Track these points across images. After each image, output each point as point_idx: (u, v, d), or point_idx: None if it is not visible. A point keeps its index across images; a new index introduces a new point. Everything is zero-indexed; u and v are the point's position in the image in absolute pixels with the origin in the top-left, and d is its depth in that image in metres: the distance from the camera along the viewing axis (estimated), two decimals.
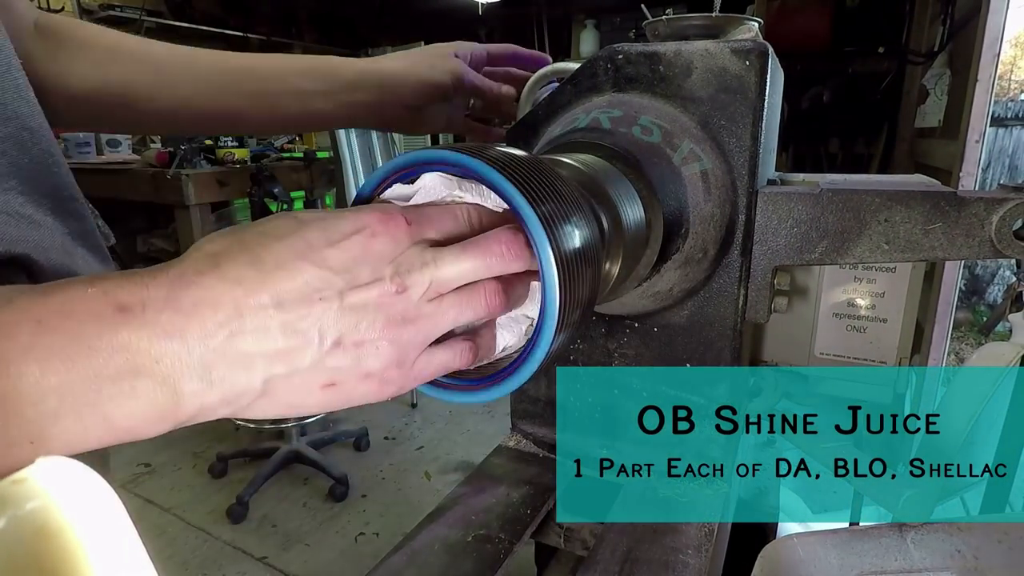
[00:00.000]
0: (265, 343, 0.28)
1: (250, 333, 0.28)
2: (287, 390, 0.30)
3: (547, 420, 0.81)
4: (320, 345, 0.29)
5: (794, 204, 0.62)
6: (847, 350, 0.94)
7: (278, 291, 0.28)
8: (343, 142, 4.23)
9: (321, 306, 0.29)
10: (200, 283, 0.27)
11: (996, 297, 5.09)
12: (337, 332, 0.30)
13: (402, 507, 2.59)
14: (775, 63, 0.66)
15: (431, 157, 0.35)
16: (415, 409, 3.46)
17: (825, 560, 0.68)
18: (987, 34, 1.83)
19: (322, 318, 0.29)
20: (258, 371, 0.28)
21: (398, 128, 0.83)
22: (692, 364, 0.70)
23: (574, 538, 0.73)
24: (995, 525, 0.69)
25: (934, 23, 2.72)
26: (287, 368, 0.29)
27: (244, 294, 0.28)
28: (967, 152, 1.90)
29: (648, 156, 0.59)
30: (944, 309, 2.01)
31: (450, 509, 0.69)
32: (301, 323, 0.29)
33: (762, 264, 0.65)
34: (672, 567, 0.59)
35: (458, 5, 4.96)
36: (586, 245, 0.37)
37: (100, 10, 3.89)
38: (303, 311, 0.29)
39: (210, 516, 2.51)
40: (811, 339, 0.95)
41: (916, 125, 2.84)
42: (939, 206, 0.57)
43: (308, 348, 0.29)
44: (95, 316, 0.25)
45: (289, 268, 0.29)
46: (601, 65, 0.68)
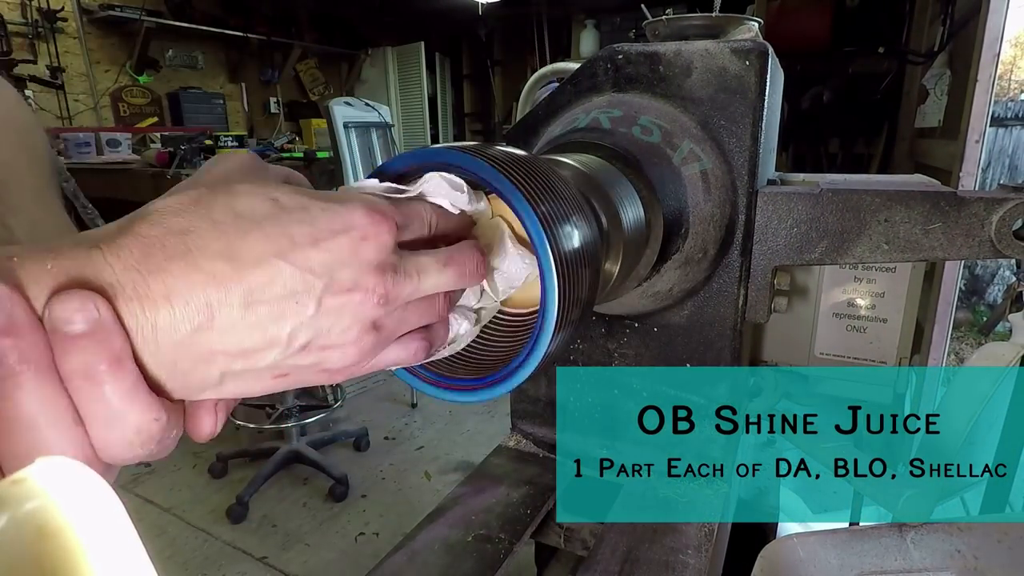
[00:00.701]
0: (232, 342, 0.27)
1: (218, 331, 0.26)
2: (239, 382, 0.29)
3: (547, 420, 0.81)
4: (287, 347, 0.28)
5: (794, 204, 0.62)
6: (847, 350, 0.94)
7: (253, 290, 0.27)
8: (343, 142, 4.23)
9: (296, 310, 0.28)
10: (170, 271, 0.25)
11: (996, 297, 5.09)
12: (307, 337, 0.29)
13: (402, 507, 2.59)
14: (775, 63, 0.66)
15: (431, 158, 0.35)
16: (415, 409, 3.46)
17: (825, 560, 0.68)
18: (987, 34, 1.83)
19: (295, 322, 0.28)
20: (218, 366, 0.27)
21: None
22: (692, 364, 0.70)
23: (574, 538, 0.73)
24: (995, 525, 0.69)
25: (934, 23, 2.72)
26: (247, 365, 0.28)
27: (217, 291, 0.26)
28: (967, 152, 1.90)
29: (648, 156, 0.59)
30: (944, 309, 2.01)
31: (450, 509, 0.69)
32: (272, 326, 0.27)
33: (762, 264, 0.65)
34: (672, 567, 0.59)
35: (458, 5, 4.96)
36: (586, 245, 0.37)
37: (100, 10, 3.89)
38: (276, 313, 0.27)
39: (210, 516, 2.51)
40: (811, 339, 0.95)
41: (916, 125, 2.84)
42: (939, 206, 0.57)
43: (274, 349, 0.28)
44: None
45: (267, 267, 0.27)
46: (601, 65, 0.68)
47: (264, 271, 0.27)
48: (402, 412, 3.43)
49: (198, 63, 4.71)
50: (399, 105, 5.67)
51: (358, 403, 3.50)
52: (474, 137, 6.47)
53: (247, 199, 0.28)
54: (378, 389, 3.69)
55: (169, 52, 4.51)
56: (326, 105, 4.48)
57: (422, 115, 5.62)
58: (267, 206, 0.28)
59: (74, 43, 3.94)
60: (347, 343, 0.30)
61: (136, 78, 4.27)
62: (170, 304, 0.25)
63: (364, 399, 3.57)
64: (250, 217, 0.28)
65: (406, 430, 3.24)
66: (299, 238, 0.28)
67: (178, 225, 0.26)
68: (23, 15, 3.65)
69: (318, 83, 5.61)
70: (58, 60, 3.79)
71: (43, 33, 3.72)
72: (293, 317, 0.28)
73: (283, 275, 0.27)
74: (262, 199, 0.28)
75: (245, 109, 5.09)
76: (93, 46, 4.05)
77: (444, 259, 0.33)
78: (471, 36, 6.07)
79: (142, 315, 0.25)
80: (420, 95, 5.56)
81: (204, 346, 0.27)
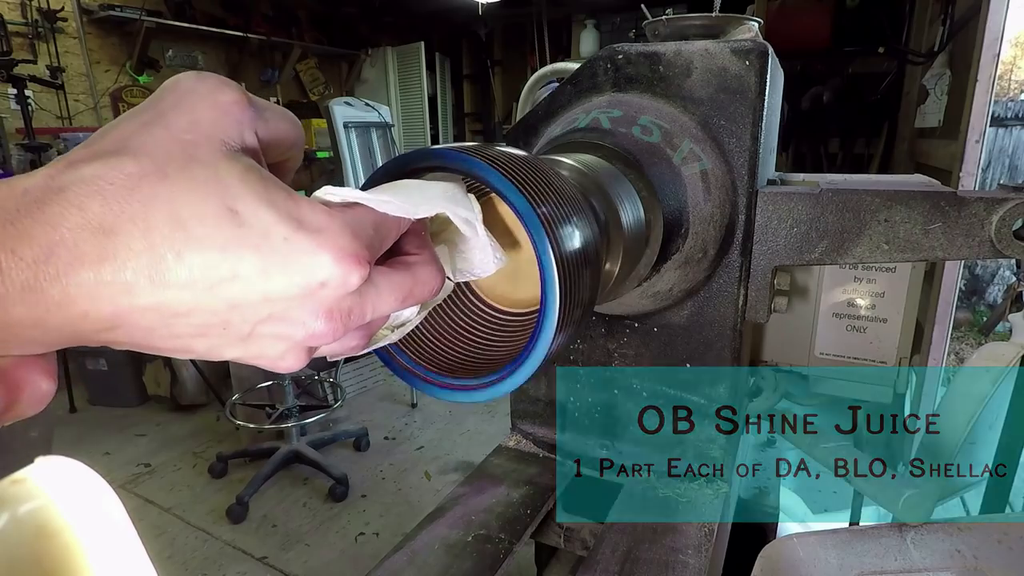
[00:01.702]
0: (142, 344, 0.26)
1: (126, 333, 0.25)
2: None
3: (547, 420, 0.81)
4: (203, 354, 0.27)
5: (794, 204, 0.62)
6: (847, 350, 0.94)
7: (176, 313, 0.24)
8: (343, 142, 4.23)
9: (221, 334, 0.26)
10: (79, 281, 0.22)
11: (996, 297, 5.09)
12: (231, 355, 0.27)
13: (402, 507, 2.59)
14: (775, 63, 0.66)
15: (431, 158, 0.35)
16: (415, 409, 3.46)
17: (825, 560, 0.68)
18: (987, 34, 1.83)
19: (217, 341, 0.26)
20: None
21: None
22: (692, 364, 0.70)
23: (574, 538, 0.73)
24: (995, 525, 0.69)
25: (934, 23, 2.72)
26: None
27: (131, 307, 0.23)
28: (967, 152, 1.90)
29: (648, 156, 0.59)
30: (944, 309, 2.01)
31: (450, 509, 0.69)
32: (192, 341, 0.26)
33: (762, 264, 0.65)
34: (672, 567, 0.59)
35: (458, 5, 4.96)
36: (586, 245, 0.37)
37: (100, 10, 3.89)
38: (197, 333, 0.26)
39: (210, 516, 2.51)
40: (811, 339, 0.95)
41: (916, 125, 2.84)
42: (939, 206, 0.57)
43: (191, 353, 0.27)
44: None
45: (197, 295, 0.24)
46: (601, 65, 0.68)
47: (191, 297, 0.24)
48: (402, 412, 3.43)
49: (198, 63, 4.71)
50: (399, 105, 5.67)
51: (358, 403, 3.50)
52: (474, 137, 6.47)
53: (198, 205, 0.24)
54: (378, 389, 3.69)
55: (169, 52, 4.51)
56: (326, 105, 4.49)
57: (422, 115, 5.62)
58: (220, 220, 0.24)
59: (74, 43, 3.94)
60: (274, 357, 0.28)
61: (136, 78, 4.27)
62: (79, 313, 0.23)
63: (364, 399, 3.57)
64: (193, 230, 0.23)
65: (406, 430, 3.24)
66: (246, 270, 0.24)
67: (101, 219, 0.22)
68: (23, 15, 3.65)
69: (318, 83, 5.61)
70: (58, 60, 3.78)
71: (43, 33, 3.72)
72: (217, 338, 0.26)
73: (213, 306, 0.25)
74: (216, 207, 0.24)
75: None
76: (93, 46, 4.05)
77: (404, 295, 0.31)
78: (471, 36, 6.07)
79: None
80: (420, 95, 5.56)
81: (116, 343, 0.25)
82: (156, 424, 3.25)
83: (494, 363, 0.39)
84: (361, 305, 0.28)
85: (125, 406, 3.39)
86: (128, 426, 3.21)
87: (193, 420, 3.31)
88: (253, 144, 0.28)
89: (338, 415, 3.19)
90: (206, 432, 3.18)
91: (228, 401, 2.81)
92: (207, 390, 3.34)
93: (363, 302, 0.28)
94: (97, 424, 3.23)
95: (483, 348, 0.43)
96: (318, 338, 0.28)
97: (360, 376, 3.61)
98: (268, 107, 0.29)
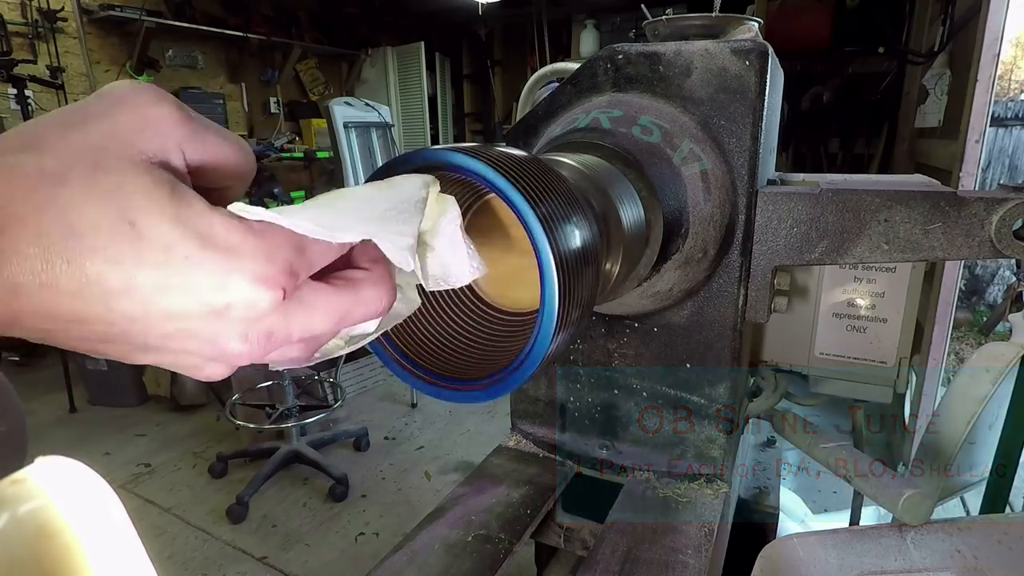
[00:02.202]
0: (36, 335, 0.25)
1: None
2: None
3: (547, 420, 0.81)
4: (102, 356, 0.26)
5: (794, 204, 0.62)
6: (847, 350, 0.94)
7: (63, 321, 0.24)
8: (343, 142, 4.23)
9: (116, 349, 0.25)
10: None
11: (996, 297, 5.09)
12: (149, 361, 0.27)
13: (402, 507, 2.59)
14: (775, 63, 0.66)
15: (431, 159, 0.35)
16: (415, 409, 3.46)
17: (825, 560, 0.68)
18: (987, 34, 1.83)
19: (118, 351, 0.26)
20: None
21: None
22: (692, 364, 0.70)
23: (574, 538, 0.73)
24: (995, 525, 0.69)
25: (934, 23, 2.72)
26: None
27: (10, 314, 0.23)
28: (967, 152, 1.91)
29: (648, 156, 0.59)
30: (944, 309, 2.01)
31: (450, 509, 0.69)
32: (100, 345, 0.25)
33: (762, 264, 0.65)
34: (672, 567, 0.59)
35: (458, 5, 4.96)
36: (586, 245, 0.37)
37: (100, 10, 3.89)
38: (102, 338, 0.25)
39: (210, 516, 2.51)
40: (811, 339, 0.95)
41: (916, 125, 2.84)
42: (939, 206, 0.57)
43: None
44: None
45: (84, 305, 0.23)
46: (601, 65, 0.68)
47: (84, 307, 0.23)
48: (402, 412, 3.43)
49: (198, 63, 4.71)
50: (399, 105, 5.68)
51: (358, 403, 3.50)
52: (474, 137, 6.47)
53: (95, 214, 0.22)
54: (378, 389, 3.69)
55: (169, 52, 4.51)
56: (326, 105, 4.49)
57: (422, 115, 5.62)
58: (116, 231, 0.23)
59: (74, 43, 3.94)
60: (190, 367, 0.28)
61: (136, 78, 4.27)
62: None
63: (364, 399, 3.57)
64: (87, 239, 0.22)
65: (406, 430, 3.24)
66: (141, 285, 0.23)
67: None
68: (23, 15, 3.66)
69: (318, 83, 5.61)
70: (58, 60, 3.79)
71: (43, 33, 3.73)
72: (123, 345, 0.25)
73: (107, 317, 0.24)
74: (113, 219, 0.23)
75: (245, 109, 5.09)
76: (93, 46, 4.06)
77: (340, 316, 0.29)
78: (471, 36, 6.07)
79: None
80: (420, 95, 5.57)
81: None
82: (156, 424, 3.25)
83: (494, 363, 0.39)
84: (286, 326, 0.27)
85: (125, 406, 3.39)
86: (128, 426, 3.21)
87: (193, 420, 3.31)
88: (178, 162, 0.26)
89: (338, 415, 3.19)
90: (206, 432, 3.18)
91: (228, 401, 2.81)
92: (207, 390, 3.34)
93: (288, 322, 0.27)
94: (97, 424, 3.23)
95: (483, 348, 0.43)
96: (235, 357, 0.27)
97: (360, 376, 3.62)
98: (213, 131, 0.28)
